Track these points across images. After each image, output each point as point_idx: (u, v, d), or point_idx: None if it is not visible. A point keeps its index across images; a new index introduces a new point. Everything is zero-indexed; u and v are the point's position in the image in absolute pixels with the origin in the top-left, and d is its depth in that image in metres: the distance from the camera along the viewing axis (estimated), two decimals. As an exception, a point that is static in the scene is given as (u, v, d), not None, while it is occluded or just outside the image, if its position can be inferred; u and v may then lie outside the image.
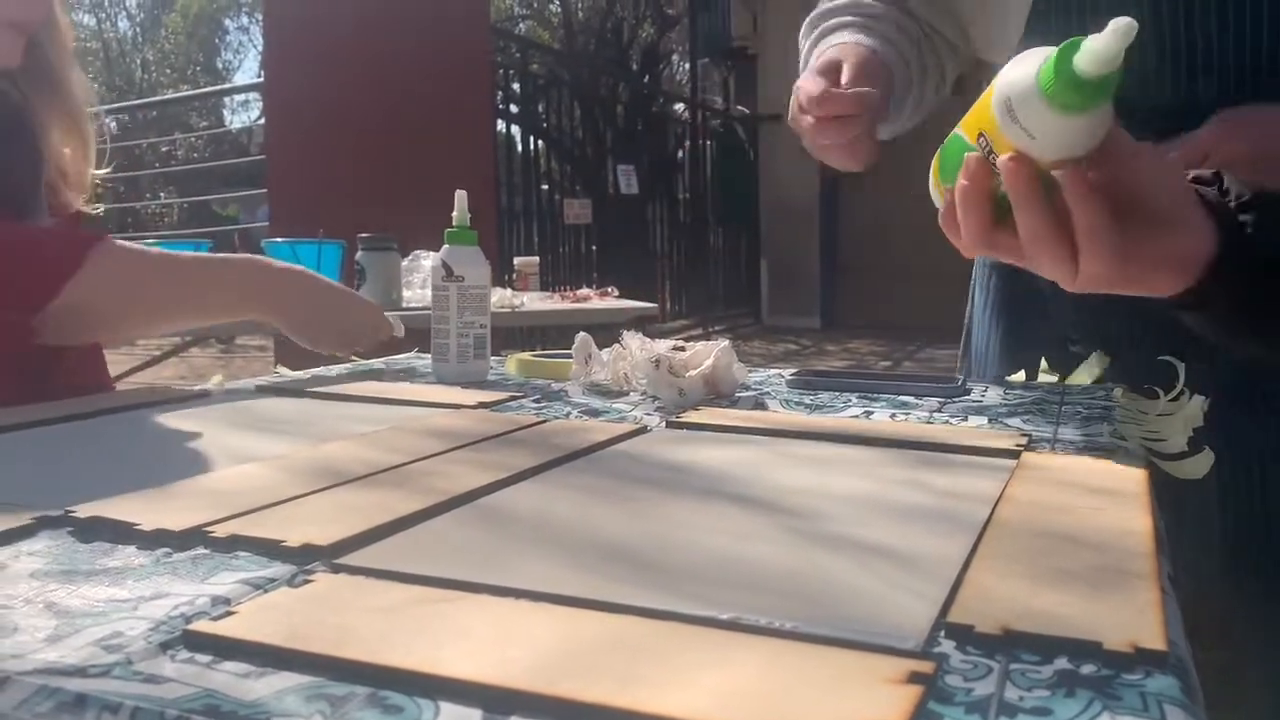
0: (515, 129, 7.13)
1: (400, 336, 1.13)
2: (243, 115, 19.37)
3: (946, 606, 0.40)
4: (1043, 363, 1.06)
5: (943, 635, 0.38)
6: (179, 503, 0.54)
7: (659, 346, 0.94)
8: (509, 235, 6.17)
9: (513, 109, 7.02)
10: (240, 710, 0.31)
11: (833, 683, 0.33)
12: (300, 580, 0.43)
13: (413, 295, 2.26)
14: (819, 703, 0.32)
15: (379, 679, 0.34)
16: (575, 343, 1.01)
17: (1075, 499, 0.57)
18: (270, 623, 0.38)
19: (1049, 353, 1.04)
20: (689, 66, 10.45)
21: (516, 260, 3.31)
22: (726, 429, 0.78)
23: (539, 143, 7.19)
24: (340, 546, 0.47)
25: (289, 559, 0.46)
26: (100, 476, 0.63)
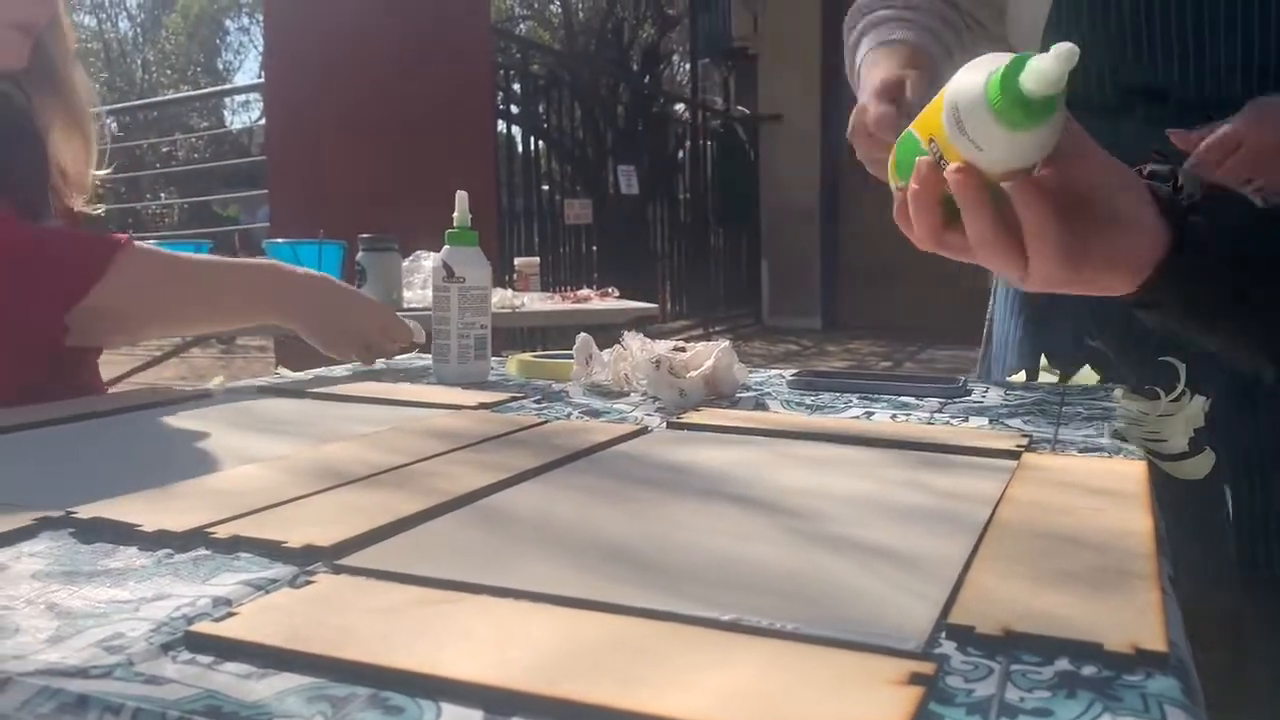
0: (516, 129, 7.13)
1: (420, 343, 1.13)
2: (243, 116, 19.38)
3: (947, 607, 0.40)
4: (1043, 361, 1.06)
5: (943, 636, 0.38)
6: (180, 504, 0.54)
7: (659, 347, 0.94)
8: (510, 236, 6.17)
9: (513, 109, 7.02)
10: (242, 711, 0.31)
11: (833, 684, 0.33)
12: (302, 581, 0.43)
13: (413, 296, 2.26)
14: (820, 704, 0.32)
15: (380, 680, 0.34)
16: (576, 343, 1.01)
17: (1076, 500, 0.57)
18: (272, 624, 0.38)
19: (1069, 347, 1.04)
20: (689, 67, 10.45)
21: (517, 261, 3.31)
22: (727, 430, 0.78)
23: (539, 143, 7.19)
24: (341, 547, 0.47)
25: (290, 560, 0.46)
26: (102, 477, 0.63)
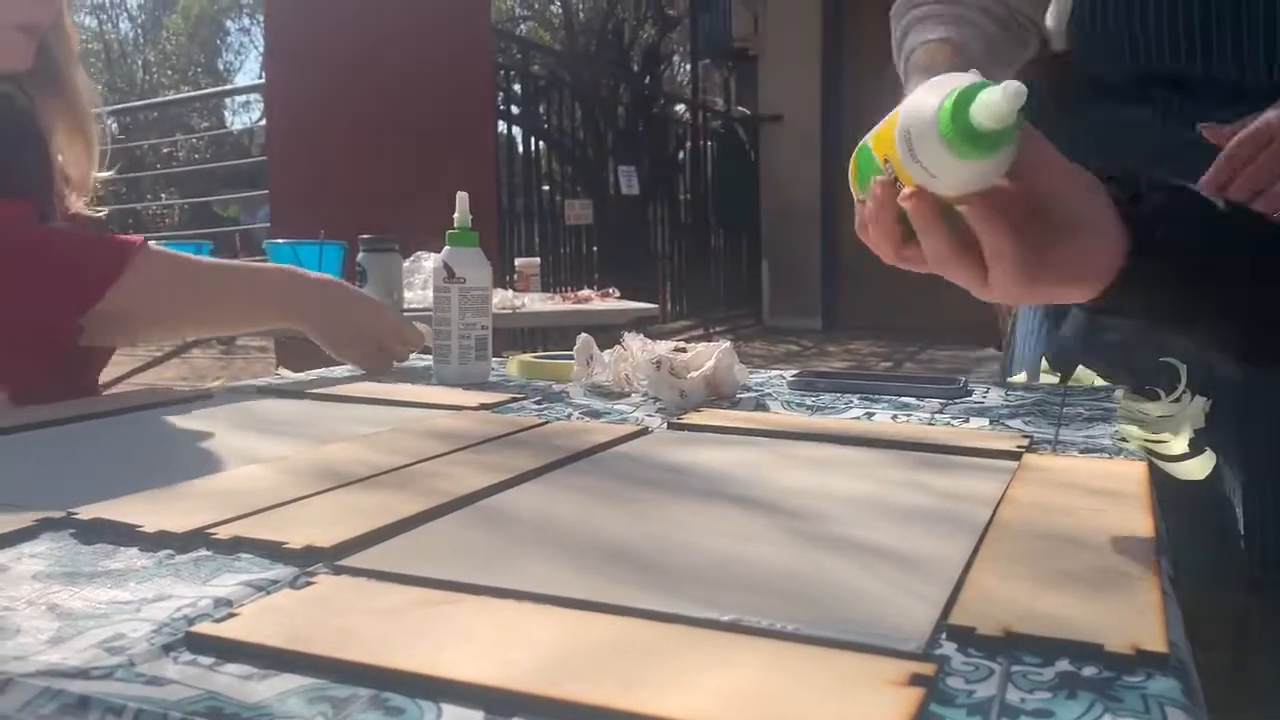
0: (516, 130, 7.13)
1: (430, 346, 1.13)
2: (244, 116, 19.38)
3: (948, 608, 0.40)
4: (1043, 362, 1.06)
5: (944, 637, 0.38)
6: (181, 504, 0.54)
7: (660, 348, 0.94)
8: (510, 236, 6.16)
9: (514, 110, 7.02)
10: (243, 712, 0.31)
11: (834, 684, 0.33)
12: (302, 582, 0.43)
13: (414, 297, 2.26)
14: (820, 704, 0.32)
15: (381, 681, 0.34)
16: (576, 344, 1.01)
17: (1076, 500, 0.57)
18: (272, 624, 0.38)
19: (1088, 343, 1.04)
20: (690, 67, 10.44)
21: (518, 261, 3.31)
22: (728, 430, 0.78)
23: (540, 144, 7.18)
24: (342, 548, 0.47)
25: (291, 561, 0.46)
26: (102, 478, 0.63)
